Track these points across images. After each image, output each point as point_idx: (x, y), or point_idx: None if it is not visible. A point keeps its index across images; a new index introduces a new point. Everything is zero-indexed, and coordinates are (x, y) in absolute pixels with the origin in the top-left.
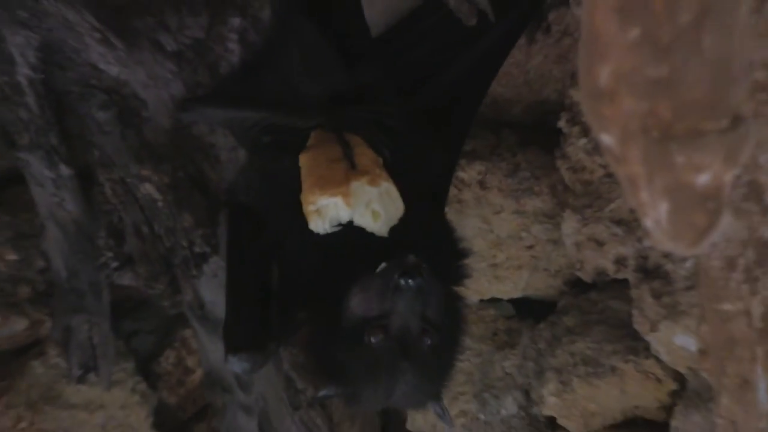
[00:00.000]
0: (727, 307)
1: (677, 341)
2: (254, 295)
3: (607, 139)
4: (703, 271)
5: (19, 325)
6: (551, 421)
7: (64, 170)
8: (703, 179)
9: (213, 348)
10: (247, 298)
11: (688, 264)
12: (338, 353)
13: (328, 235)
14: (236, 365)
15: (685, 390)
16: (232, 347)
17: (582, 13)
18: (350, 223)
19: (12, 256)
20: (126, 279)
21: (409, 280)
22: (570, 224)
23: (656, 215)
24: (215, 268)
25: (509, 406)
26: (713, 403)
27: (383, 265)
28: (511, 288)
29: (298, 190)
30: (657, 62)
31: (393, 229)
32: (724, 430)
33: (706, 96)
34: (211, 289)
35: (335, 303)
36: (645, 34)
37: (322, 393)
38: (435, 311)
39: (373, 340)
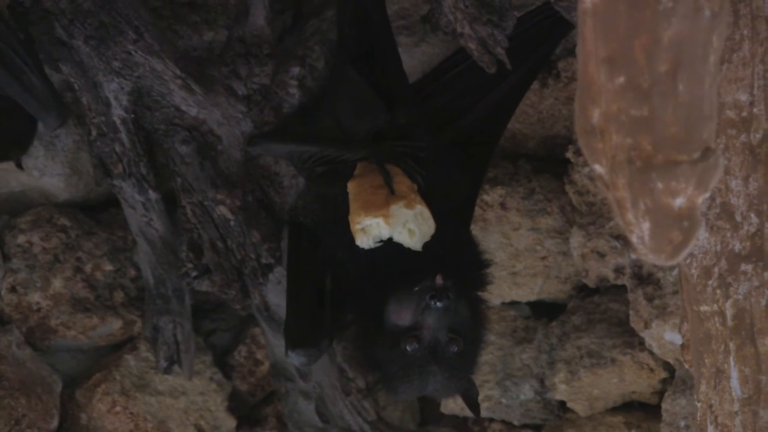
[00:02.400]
0: (704, 308)
1: (666, 337)
2: (311, 300)
3: (598, 168)
4: (684, 278)
5: (114, 325)
6: (562, 404)
7: (152, 195)
8: (678, 202)
9: (277, 344)
10: (304, 302)
11: (675, 272)
12: (379, 354)
13: (371, 250)
14: (296, 359)
15: (674, 378)
16: (292, 343)
17: (578, 63)
18: (390, 239)
19: (109, 267)
20: (204, 286)
21: (438, 302)
22: (577, 239)
23: (640, 233)
24: (279, 277)
25: (527, 392)
26: (694, 390)
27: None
28: (527, 292)
29: (347, 212)
30: (639, 105)
31: (426, 245)
32: (703, 412)
33: (680, 132)
34: (275, 294)
35: (377, 307)
36: (629, 81)
37: (368, 388)
38: (460, 323)
39: (408, 348)
